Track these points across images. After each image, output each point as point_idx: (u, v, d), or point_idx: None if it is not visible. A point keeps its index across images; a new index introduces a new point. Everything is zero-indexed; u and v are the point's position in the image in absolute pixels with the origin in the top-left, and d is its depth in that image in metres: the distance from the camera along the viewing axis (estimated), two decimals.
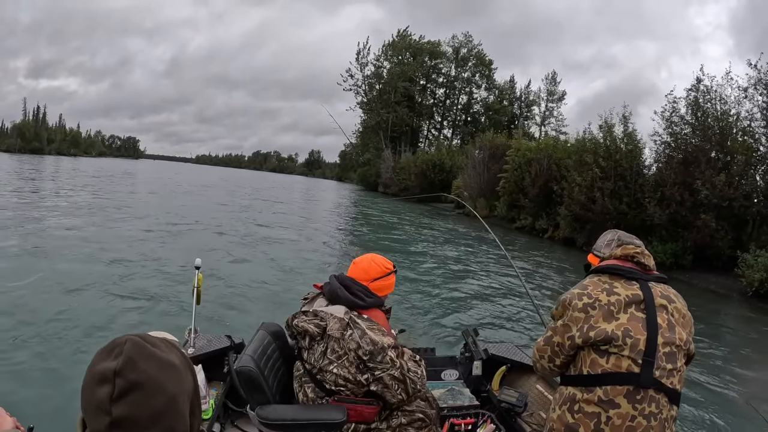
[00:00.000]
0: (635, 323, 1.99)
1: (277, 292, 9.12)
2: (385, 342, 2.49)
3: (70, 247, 10.78)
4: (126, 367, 0.84)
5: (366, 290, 2.69)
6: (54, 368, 5.15)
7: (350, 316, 2.55)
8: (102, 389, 0.84)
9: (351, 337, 2.48)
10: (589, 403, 1.98)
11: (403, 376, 2.49)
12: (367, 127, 67.33)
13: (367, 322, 2.56)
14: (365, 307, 2.64)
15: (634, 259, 2.18)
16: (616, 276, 2.13)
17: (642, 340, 1.96)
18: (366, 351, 2.46)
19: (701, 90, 19.80)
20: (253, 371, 2.62)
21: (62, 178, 33.33)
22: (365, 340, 2.47)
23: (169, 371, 0.89)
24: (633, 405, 1.91)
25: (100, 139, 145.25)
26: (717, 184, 17.50)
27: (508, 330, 8.43)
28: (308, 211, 29.76)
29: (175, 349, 0.95)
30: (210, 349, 3.27)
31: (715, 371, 7.53)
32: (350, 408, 2.50)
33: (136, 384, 0.84)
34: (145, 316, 7.04)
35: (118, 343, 0.88)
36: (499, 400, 3.17)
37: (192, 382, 0.96)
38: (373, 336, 2.48)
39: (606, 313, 2.02)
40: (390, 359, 2.47)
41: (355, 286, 2.68)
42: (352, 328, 2.51)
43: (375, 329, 2.54)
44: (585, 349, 2.05)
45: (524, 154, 28.87)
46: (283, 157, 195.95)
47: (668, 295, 2.09)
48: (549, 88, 65.26)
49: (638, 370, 1.94)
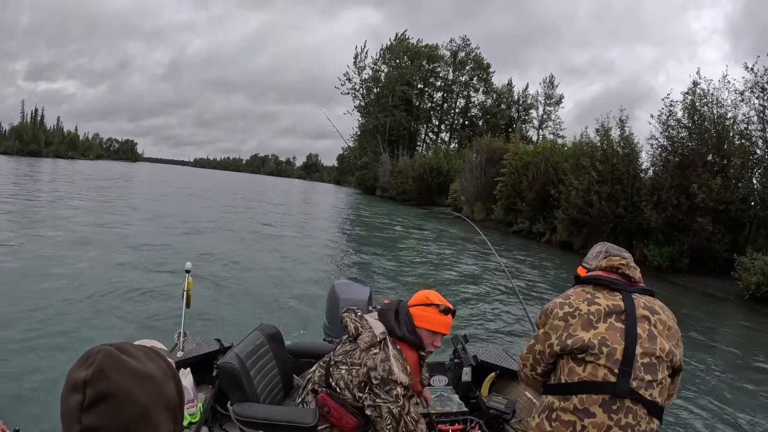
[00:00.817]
0: (613, 333, 1.97)
1: (272, 296, 9.09)
2: (401, 377, 2.48)
3: (62, 249, 10.76)
4: (96, 377, 0.84)
5: (410, 325, 2.61)
6: (40, 372, 5.12)
7: (386, 338, 2.56)
8: (74, 398, 0.84)
9: (373, 356, 2.51)
10: (565, 412, 1.96)
11: (400, 416, 2.48)
12: (364, 131, 67.44)
13: (397, 352, 2.54)
14: (399, 337, 2.59)
15: (619, 271, 2.18)
16: (600, 287, 2.12)
17: (619, 349, 1.94)
18: (378, 376, 2.47)
19: (698, 93, 19.91)
20: (235, 368, 2.68)
21: (61, 180, 33.28)
22: (383, 366, 2.48)
23: (143, 382, 0.88)
24: (609, 415, 1.88)
25: (98, 142, 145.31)
26: (713, 188, 17.54)
27: (499, 335, 8.40)
28: (306, 215, 29.76)
29: (157, 359, 0.94)
30: (199, 353, 3.28)
31: (711, 375, 7.51)
32: (336, 409, 2.55)
33: (106, 394, 0.84)
34: (135, 319, 7.01)
35: (91, 354, 0.88)
36: (488, 406, 3.15)
37: (174, 392, 0.94)
38: (393, 366, 2.48)
39: (585, 322, 2.01)
40: (396, 395, 2.46)
41: (403, 317, 2.63)
42: (380, 348, 2.53)
43: (400, 361, 2.52)
44: (564, 357, 2.04)
45: (521, 158, 28.93)
46: (281, 161, 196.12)
47: (652, 307, 2.06)
48: (547, 92, 65.42)
49: (614, 380, 1.91)
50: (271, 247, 14.84)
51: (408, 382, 2.51)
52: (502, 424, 3.10)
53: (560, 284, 13.60)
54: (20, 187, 25.92)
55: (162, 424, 0.90)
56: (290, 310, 8.31)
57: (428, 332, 2.61)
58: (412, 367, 2.60)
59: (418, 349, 2.65)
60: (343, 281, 4.38)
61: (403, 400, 2.48)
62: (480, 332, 8.29)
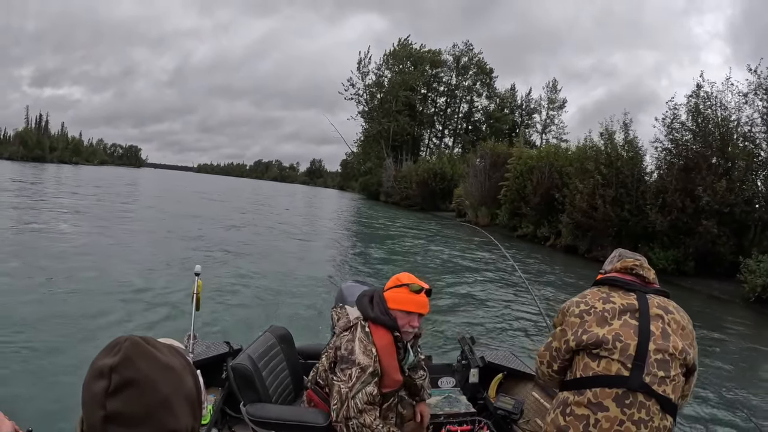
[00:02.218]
0: (627, 329, 2.01)
1: (280, 299, 9.15)
2: (360, 359, 2.48)
3: (69, 253, 10.81)
4: (122, 363, 0.87)
5: (383, 307, 2.61)
6: (52, 373, 5.16)
7: (359, 322, 2.60)
8: (99, 384, 0.87)
9: (342, 337, 2.59)
10: (579, 406, 2.00)
11: (345, 397, 2.44)
12: (368, 136, 67.51)
13: (364, 335, 2.56)
14: (372, 319, 2.59)
15: (633, 272, 2.25)
16: (616, 287, 2.19)
17: (632, 345, 1.98)
18: (341, 355, 2.53)
19: (701, 96, 19.89)
20: (248, 369, 2.71)
21: (67, 185, 33.37)
22: (347, 345, 2.53)
23: (166, 372, 0.91)
24: (622, 409, 1.91)
25: (102, 148, 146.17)
26: (718, 190, 17.50)
27: (508, 336, 8.41)
28: (312, 219, 29.77)
29: (178, 354, 0.98)
30: (208, 355, 3.31)
31: (718, 378, 7.49)
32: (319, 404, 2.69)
33: (131, 381, 0.86)
34: (145, 322, 7.06)
35: (118, 342, 0.91)
36: (496, 407, 3.17)
37: (193, 386, 0.97)
38: (355, 347, 2.51)
39: (600, 319, 2.06)
40: (349, 375, 2.46)
41: (377, 300, 2.65)
42: (350, 332, 2.58)
43: (364, 344, 2.53)
44: (579, 353, 2.09)
45: (525, 162, 28.91)
46: (285, 166, 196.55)
47: (666, 307, 2.11)
48: (550, 96, 65.43)
49: (627, 374, 1.95)
50: (279, 251, 14.89)
51: (366, 364, 2.48)
52: (510, 424, 3.12)
53: (566, 287, 13.59)
54: (28, 192, 26.05)
55: (182, 416, 0.92)
56: (299, 313, 8.35)
57: (402, 313, 2.60)
58: (385, 349, 2.58)
59: (392, 329, 2.60)
60: (350, 284, 4.40)
61: (355, 381, 2.45)
62: (488, 334, 8.29)
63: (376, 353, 2.53)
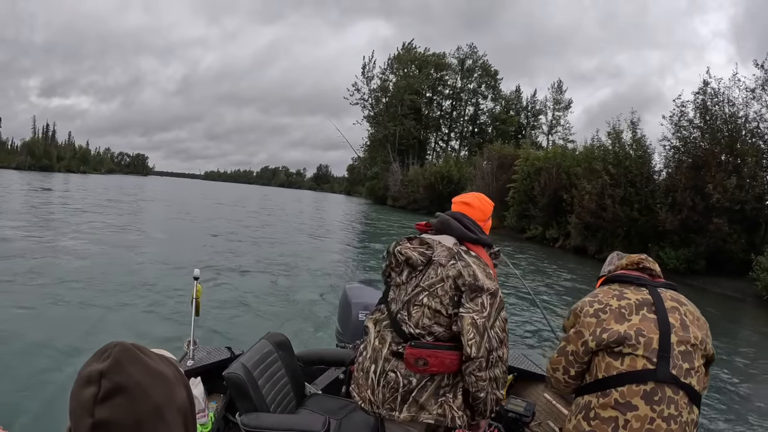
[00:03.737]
0: (647, 323, 1.97)
1: (284, 303, 9.11)
2: (487, 283, 2.12)
3: (71, 256, 10.83)
4: (112, 369, 0.83)
5: (476, 225, 2.34)
6: (42, 380, 5.11)
7: (459, 249, 2.22)
8: (88, 390, 0.82)
9: (453, 266, 2.15)
10: (605, 408, 1.93)
11: (484, 329, 2.08)
12: (374, 141, 67.60)
13: (474, 258, 2.19)
14: (476, 241, 2.28)
15: (640, 266, 2.21)
16: (626, 284, 2.15)
17: (655, 338, 1.93)
18: (465, 282, 2.11)
19: (708, 93, 19.78)
20: (240, 378, 2.65)
21: (74, 194, 33.57)
22: (467, 271, 2.12)
23: (158, 379, 0.87)
24: (651, 407, 1.86)
25: (109, 156, 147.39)
26: (728, 188, 17.40)
27: (517, 336, 8.35)
28: (318, 223, 29.78)
29: (170, 364, 0.93)
30: (209, 361, 3.26)
31: (732, 376, 7.41)
32: (432, 356, 2.13)
33: (122, 387, 0.82)
34: (143, 328, 7.01)
35: (108, 347, 0.87)
36: (507, 409, 3.11)
37: (186, 399, 0.92)
38: (476, 271, 2.13)
39: (618, 316, 2.01)
40: (482, 304, 2.09)
41: (466, 220, 2.33)
42: (458, 259, 2.17)
43: (481, 266, 2.17)
44: (599, 354, 2.02)
45: (533, 164, 28.87)
46: (292, 173, 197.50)
47: (678, 299, 2.08)
48: (555, 97, 65.30)
49: (654, 368, 1.90)
50: (283, 254, 14.86)
51: (495, 289, 2.14)
52: (521, 427, 3.07)
53: (576, 289, 13.51)
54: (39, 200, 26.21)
55: (174, 426, 0.88)
56: (302, 316, 8.29)
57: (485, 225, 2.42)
58: (492, 269, 2.26)
59: (490, 246, 2.34)
60: (355, 285, 4.37)
61: (490, 309, 2.10)
62: None
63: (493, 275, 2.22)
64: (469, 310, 2.08)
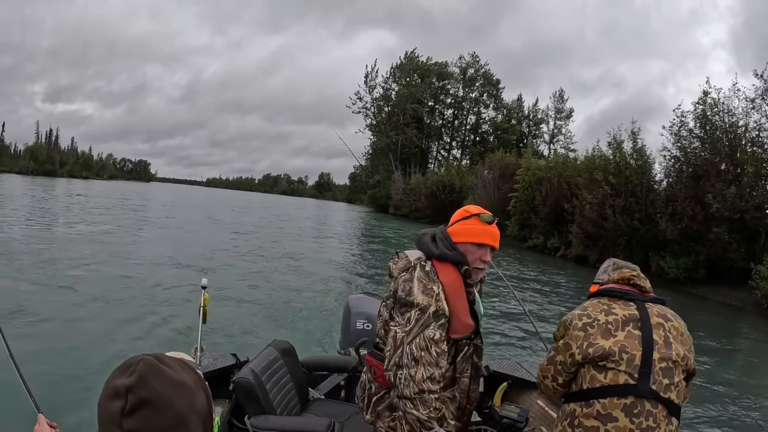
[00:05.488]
0: (631, 340, 2.07)
1: (287, 311, 9.19)
2: (419, 300, 2.06)
3: (82, 263, 10.93)
4: (138, 384, 0.90)
5: (448, 242, 2.23)
6: (59, 383, 5.21)
7: (419, 262, 2.18)
8: (115, 404, 0.89)
9: (401, 279, 2.15)
10: (588, 417, 2.04)
11: (400, 343, 2.05)
12: (376, 149, 67.64)
13: (424, 273, 2.14)
14: (437, 256, 2.19)
15: (631, 282, 2.30)
16: (615, 298, 2.24)
17: (638, 355, 2.04)
18: (398, 295, 2.12)
19: (708, 103, 19.86)
20: (251, 383, 2.79)
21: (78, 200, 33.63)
22: (404, 286, 2.11)
23: (180, 390, 0.94)
24: (631, 419, 1.96)
25: (112, 162, 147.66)
26: (728, 197, 17.46)
27: (511, 346, 8.42)
28: (321, 231, 29.79)
29: (190, 370, 1.01)
30: (215, 368, 3.36)
31: (730, 385, 7.46)
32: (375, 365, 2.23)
33: (147, 401, 0.89)
34: (153, 334, 7.15)
35: (133, 362, 0.94)
36: (501, 415, 3.20)
37: (205, 403, 1.00)
38: (414, 286, 2.09)
39: (604, 331, 2.11)
40: (408, 319, 2.06)
41: (440, 236, 2.26)
42: (409, 272, 2.15)
43: (425, 282, 2.11)
44: (585, 366, 2.13)
45: (534, 173, 28.94)
46: (294, 180, 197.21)
47: (665, 315, 2.17)
48: (557, 106, 65.41)
49: (635, 383, 2.00)
50: (287, 263, 14.93)
51: (426, 304, 2.06)
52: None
53: (577, 298, 13.55)
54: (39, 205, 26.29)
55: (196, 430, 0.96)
56: (306, 325, 8.40)
57: (473, 246, 2.24)
58: (452, 287, 2.17)
59: (460, 264, 2.21)
60: (358, 296, 4.47)
61: (414, 325, 2.04)
62: (491, 345, 8.30)
63: (439, 291, 2.12)
64: (396, 323, 2.09)
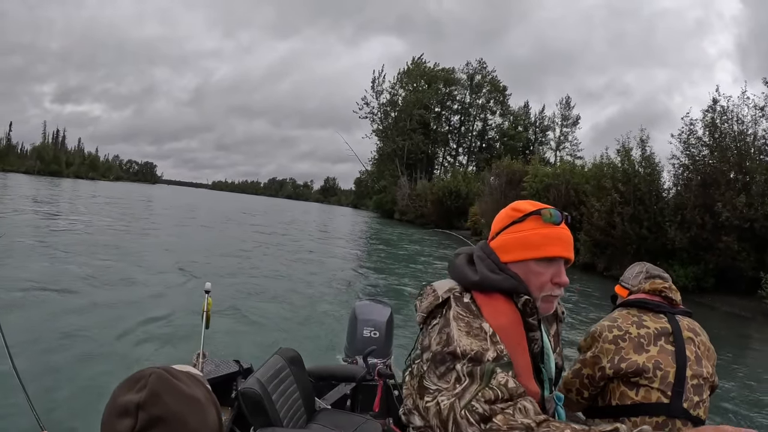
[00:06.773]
0: (665, 356, 1.99)
1: (292, 317, 9.08)
2: (462, 344, 1.29)
3: (83, 268, 10.89)
4: (149, 400, 0.83)
5: (492, 260, 1.47)
6: (60, 393, 5.15)
7: (451, 294, 1.42)
8: (123, 422, 0.81)
9: (432, 328, 1.39)
10: None
11: (448, 415, 1.24)
12: (382, 155, 67.80)
13: (463, 307, 1.38)
14: (478, 285, 1.43)
15: (662, 294, 2.21)
16: (645, 309, 2.15)
17: (671, 372, 1.96)
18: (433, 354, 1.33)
19: (717, 111, 19.77)
20: (257, 393, 2.67)
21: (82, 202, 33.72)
22: (440, 337, 1.34)
23: (193, 407, 0.87)
24: None
25: (118, 164, 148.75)
26: (738, 206, 17.33)
27: None
28: (326, 236, 29.77)
29: (200, 384, 0.94)
30: (218, 374, 3.30)
31: (737, 398, 7.37)
32: None
33: (159, 419, 0.82)
34: (154, 339, 7.06)
35: (142, 376, 0.86)
36: None
37: (216, 418, 0.93)
38: (453, 330, 1.32)
39: (636, 345, 2.02)
40: (454, 379, 1.27)
41: (480, 254, 1.51)
42: (441, 315, 1.40)
43: (468, 320, 1.35)
44: (614, 381, 2.04)
45: (542, 180, 28.87)
46: (299, 184, 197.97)
47: (694, 329, 2.10)
48: (563, 113, 65.36)
49: (668, 401, 1.93)
50: (292, 268, 14.85)
51: (479, 350, 1.28)
52: None
53: (584, 306, 13.47)
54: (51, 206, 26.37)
55: None
56: (312, 332, 8.27)
57: (535, 263, 1.45)
58: (505, 333, 1.35)
59: (515, 292, 1.43)
60: (364, 302, 4.42)
61: (465, 384, 1.25)
62: None
63: (489, 331, 1.34)
64: (437, 390, 1.29)
